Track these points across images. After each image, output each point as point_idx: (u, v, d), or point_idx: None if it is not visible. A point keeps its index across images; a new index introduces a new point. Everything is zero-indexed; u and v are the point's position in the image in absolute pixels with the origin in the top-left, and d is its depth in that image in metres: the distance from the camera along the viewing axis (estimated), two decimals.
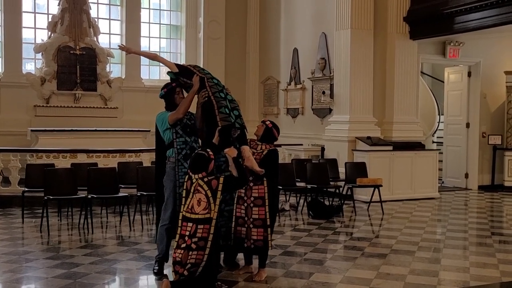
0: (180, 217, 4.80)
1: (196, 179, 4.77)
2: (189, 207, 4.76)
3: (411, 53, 11.14)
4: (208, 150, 4.86)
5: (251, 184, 5.16)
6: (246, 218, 5.16)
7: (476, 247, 6.80)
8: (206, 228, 4.68)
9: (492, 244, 6.91)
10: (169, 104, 5.41)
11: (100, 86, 13.27)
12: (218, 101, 5.20)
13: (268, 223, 5.15)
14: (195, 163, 4.80)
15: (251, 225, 5.14)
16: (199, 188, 4.74)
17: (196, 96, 5.32)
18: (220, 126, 5.08)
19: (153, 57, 5.96)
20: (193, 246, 4.66)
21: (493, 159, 12.22)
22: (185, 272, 4.65)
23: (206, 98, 5.23)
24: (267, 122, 5.48)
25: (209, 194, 4.71)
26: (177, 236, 4.79)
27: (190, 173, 4.82)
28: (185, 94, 5.43)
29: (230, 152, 4.97)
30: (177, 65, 5.46)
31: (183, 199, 4.85)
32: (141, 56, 13.35)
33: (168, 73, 5.48)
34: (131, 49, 6.07)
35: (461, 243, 6.97)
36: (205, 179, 4.75)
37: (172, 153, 5.30)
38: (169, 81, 5.49)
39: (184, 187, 4.89)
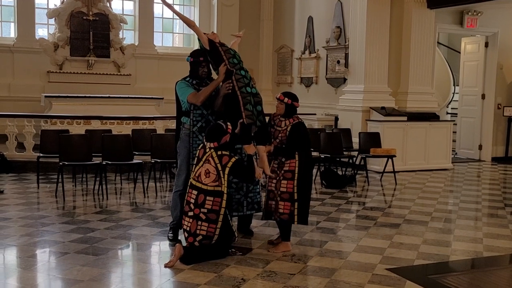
0: (189, 184, 4.85)
1: (210, 149, 4.78)
2: (196, 175, 4.79)
3: (428, 23, 10.94)
4: (228, 123, 4.84)
5: (283, 159, 5.11)
6: (276, 192, 5.12)
7: (488, 218, 6.78)
8: (217, 201, 4.70)
9: (505, 215, 6.90)
10: (192, 72, 5.39)
11: (113, 53, 13.23)
12: (244, 97, 5.09)
13: (296, 197, 5.03)
14: (211, 132, 4.83)
15: (278, 198, 5.09)
16: (210, 159, 4.76)
17: (220, 84, 5.23)
18: (243, 121, 5.01)
19: (191, 25, 5.56)
20: (203, 216, 4.69)
21: (508, 131, 12.12)
22: (196, 243, 4.69)
23: (230, 91, 5.13)
24: (285, 100, 5.17)
25: (219, 168, 4.73)
26: (184, 201, 4.84)
27: (205, 141, 4.84)
28: (211, 70, 5.38)
29: (248, 150, 5.01)
30: (210, 42, 5.26)
31: (193, 166, 4.89)
32: (157, 21, 13.34)
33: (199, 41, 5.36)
34: (171, 6, 5.77)
35: (473, 214, 6.97)
36: (218, 152, 4.76)
37: (187, 120, 5.32)
38: (199, 48, 5.42)
39: (197, 155, 4.92)
